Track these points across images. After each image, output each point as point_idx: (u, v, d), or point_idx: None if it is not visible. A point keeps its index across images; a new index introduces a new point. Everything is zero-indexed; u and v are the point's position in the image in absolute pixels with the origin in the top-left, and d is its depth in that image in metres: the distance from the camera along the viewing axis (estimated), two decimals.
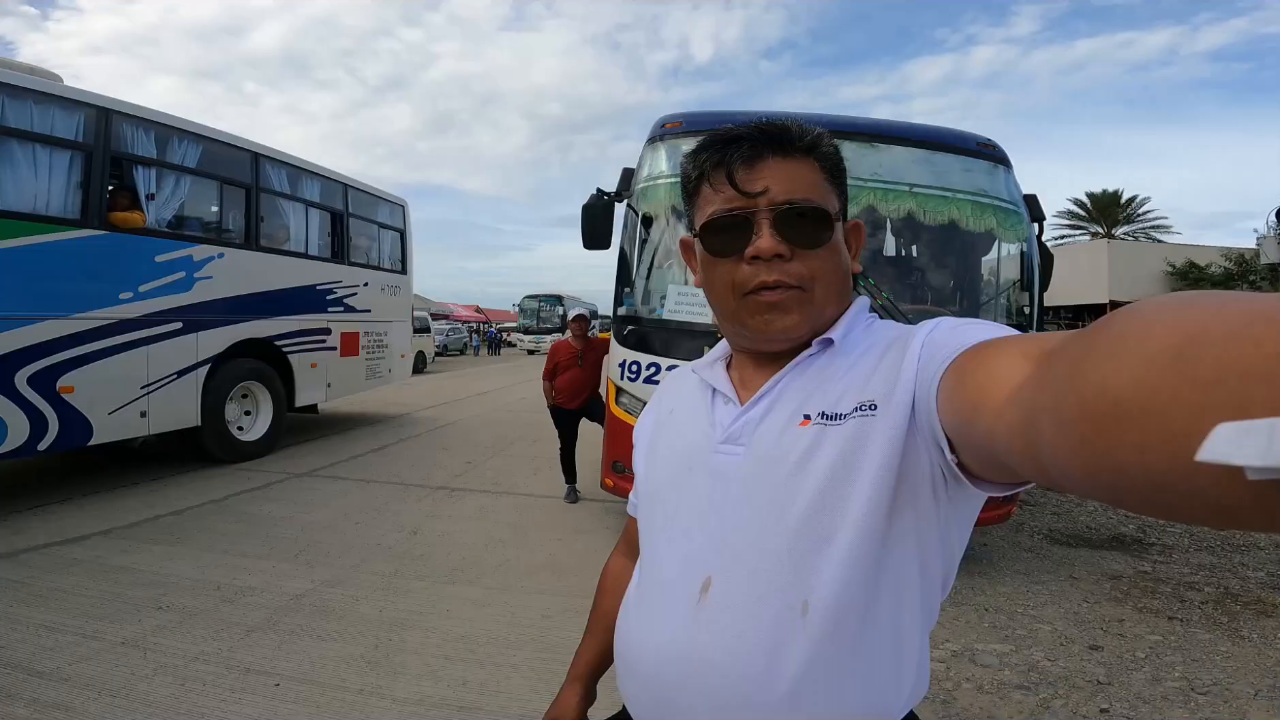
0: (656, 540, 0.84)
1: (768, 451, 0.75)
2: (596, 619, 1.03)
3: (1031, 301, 4.22)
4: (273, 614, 3.25)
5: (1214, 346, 0.26)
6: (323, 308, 8.01)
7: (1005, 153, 4.22)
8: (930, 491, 0.68)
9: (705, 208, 0.78)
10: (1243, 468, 0.24)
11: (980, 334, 0.60)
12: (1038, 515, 5.43)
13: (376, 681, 2.69)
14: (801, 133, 0.77)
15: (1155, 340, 0.29)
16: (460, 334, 31.02)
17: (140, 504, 5.10)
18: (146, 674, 2.68)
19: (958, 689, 2.76)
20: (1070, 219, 33.84)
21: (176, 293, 5.99)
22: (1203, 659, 3.04)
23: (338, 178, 8.46)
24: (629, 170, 4.58)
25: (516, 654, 2.95)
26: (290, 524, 4.70)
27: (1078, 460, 0.32)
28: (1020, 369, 0.45)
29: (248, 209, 6.90)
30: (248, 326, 6.82)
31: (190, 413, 6.20)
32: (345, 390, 8.66)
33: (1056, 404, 0.34)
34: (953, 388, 0.57)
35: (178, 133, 6.11)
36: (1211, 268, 24.23)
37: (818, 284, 0.76)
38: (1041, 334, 0.50)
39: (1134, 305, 0.33)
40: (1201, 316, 0.28)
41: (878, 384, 0.70)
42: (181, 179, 6.17)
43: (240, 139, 6.92)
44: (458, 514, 5.11)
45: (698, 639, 0.73)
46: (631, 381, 4.15)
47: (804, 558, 0.70)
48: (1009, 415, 0.43)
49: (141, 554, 4.02)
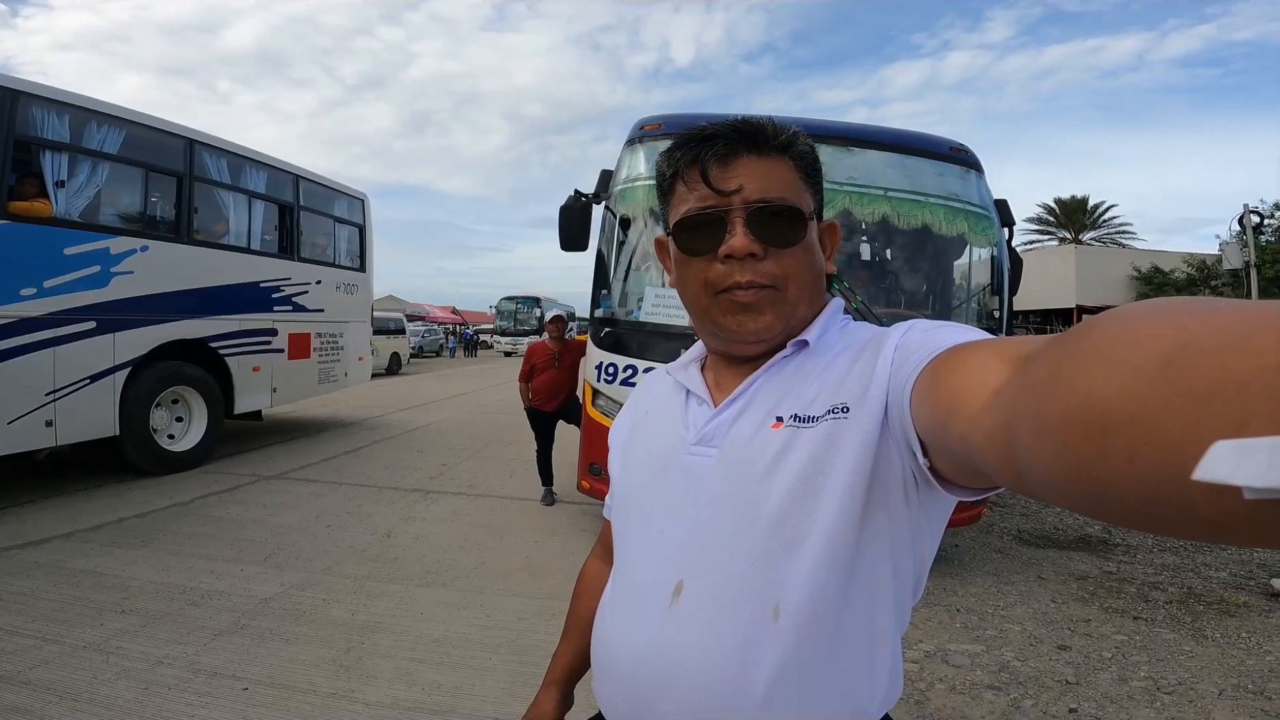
0: (630, 542, 0.84)
1: (740, 453, 0.74)
2: (573, 622, 1.03)
3: (1001, 305, 4.29)
4: (240, 618, 3.19)
5: (1207, 356, 0.25)
6: (268, 307, 7.48)
7: (977, 158, 4.29)
8: (902, 494, 0.68)
9: (679, 206, 0.78)
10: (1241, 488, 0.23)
11: (955, 337, 0.60)
12: (1007, 517, 5.51)
13: (348, 685, 2.65)
14: (776, 131, 0.77)
15: (1143, 348, 0.28)
16: (436, 335, 30.77)
17: (104, 507, 4.98)
18: (108, 678, 2.62)
19: (931, 689, 2.79)
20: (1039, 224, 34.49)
21: (89, 289, 5.44)
22: (1167, 658, 3.11)
23: (288, 168, 7.95)
24: (607, 172, 4.58)
25: (491, 657, 2.93)
26: (259, 527, 4.62)
27: (1059, 470, 0.31)
28: (998, 373, 0.45)
29: (179, 199, 6.38)
30: (177, 327, 6.29)
31: (107, 421, 5.63)
32: (294, 395, 8.19)
33: (1037, 411, 0.33)
34: (927, 391, 0.56)
35: (97, 116, 5.60)
36: (1175, 273, 24.83)
37: (791, 284, 0.75)
38: (1018, 338, 0.50)
39: (1118, 310, 0.32)
40: (1190, 324, 0.27)
41: (851, 386, 0.70)
42: (99, 165, 5.65)
43: (173, 124, 6.40)
44: (432, 516, 5.05)
45: (671, 641, 0.73)
46: (608, 384, 4.14)
47: (775, 560, 0.69)
48: (986, 421, 0.42)
49: (104, 557, 3.92)
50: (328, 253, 8.76)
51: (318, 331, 8.34)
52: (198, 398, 6.62)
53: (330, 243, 8.85)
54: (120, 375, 5.74)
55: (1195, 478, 0.24)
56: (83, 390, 5.41)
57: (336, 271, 8.83)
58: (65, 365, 5.26)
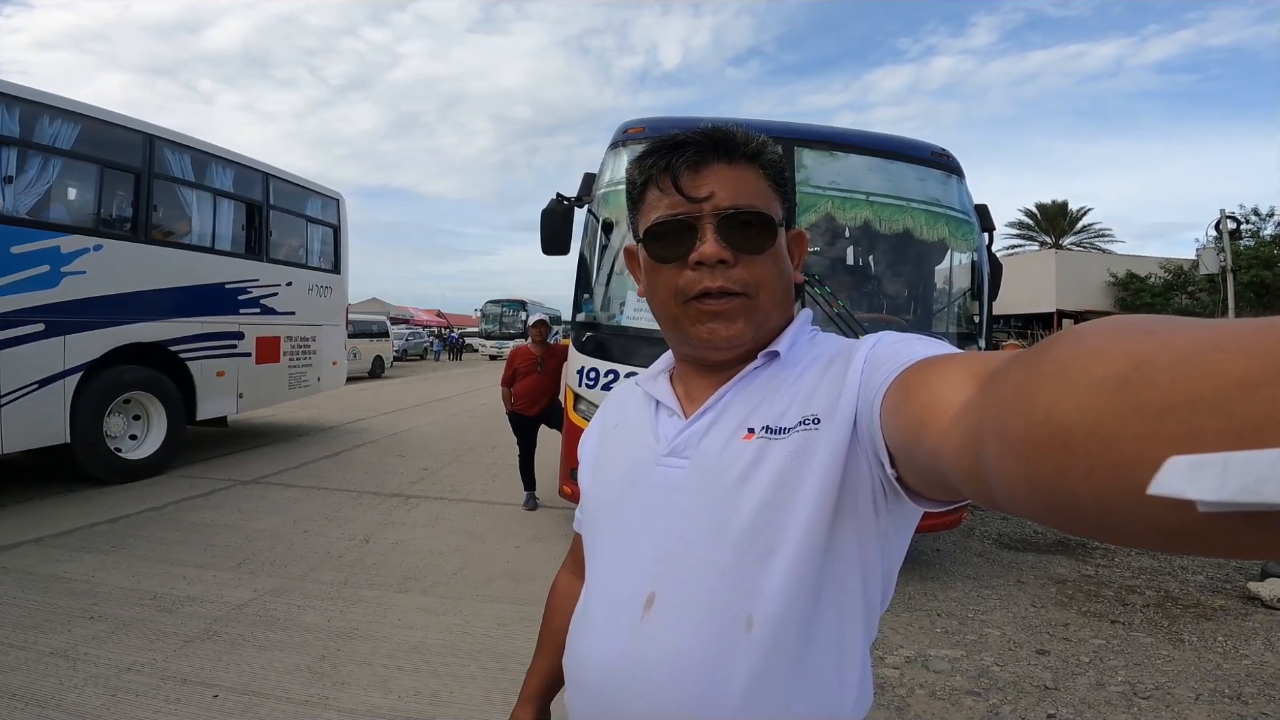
0: (601, 555, 0.83)
1: (711, 464, 0.74)
2: (547, 637, 1.02)
3: (981, 310, 4.32)
4: (212, 624, 3.13)
5: (1162, 374, 0.26)
6: (233, 309, 7.19)
7: (958, 162, 4.32)
8: (871, 504, 0.68)
9: (649, 214, 0.78)
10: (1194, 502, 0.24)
11: (923, 350, 0.60)
12: (987, 520, 5.54)
13: (322, 692, 2.61)
14: (746, 139, 0.77)
15: (1101, 365, 0.29)
16: (420, 338, 30.59)
17: (75, 511, 4.89)
18: (76, 684, 2.58)
19: (911, 695, 2.79)
20: (1020, 229, 34.89)
21: (38, 289, 5.17)
22: (1144, 663, 3.13)
23: (257, 165, 7.67)
24: (590, 175, 4.56)
25: (470, 664, 2.89)
26: (234, 532, 4.55)
27: (1023, 484, 0.32)
28: (965, 389, 0.46)
29: (137, 196, 6.10)
30: (133, 329, 6.00)
31: (56, 428, 5.36)
32: (262, 401, 7.91)
33: (1002, 427, 0.34)
34: (897, 403, 0.56)
35: (49, 110, 5.35)
36: (1151, 278, 25.19)
37: (762, 291, 0.75)
38: (986, 353, 0.50)
39: (1080, 328, 0.33)
40: (1149, 342, 0.28)
41: (821, 398, 0.70)
42: (51, 161, 5.39)
43: (132, 119, 6.11)
44: (412, 521, 5.00)
45: (642, 654, 0.72)
46: (590, 388, 4.12)
47: (747, 572, 0.69)
48: (954, 436, 0.43)
49: (74, 563, 3.85)
50: (299, 254, 8.50)
51: (288, 335, 8.07)
52: (156, 403, 6.37)
53: (303, 243, 8.58)
54: (71, 380, 5.48)
55: (1150, 492, 0.25)
56: (30, 395, 5.16)
57: (309, 273, 8.57)
58: (11, 369, 5.02)
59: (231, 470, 6.49)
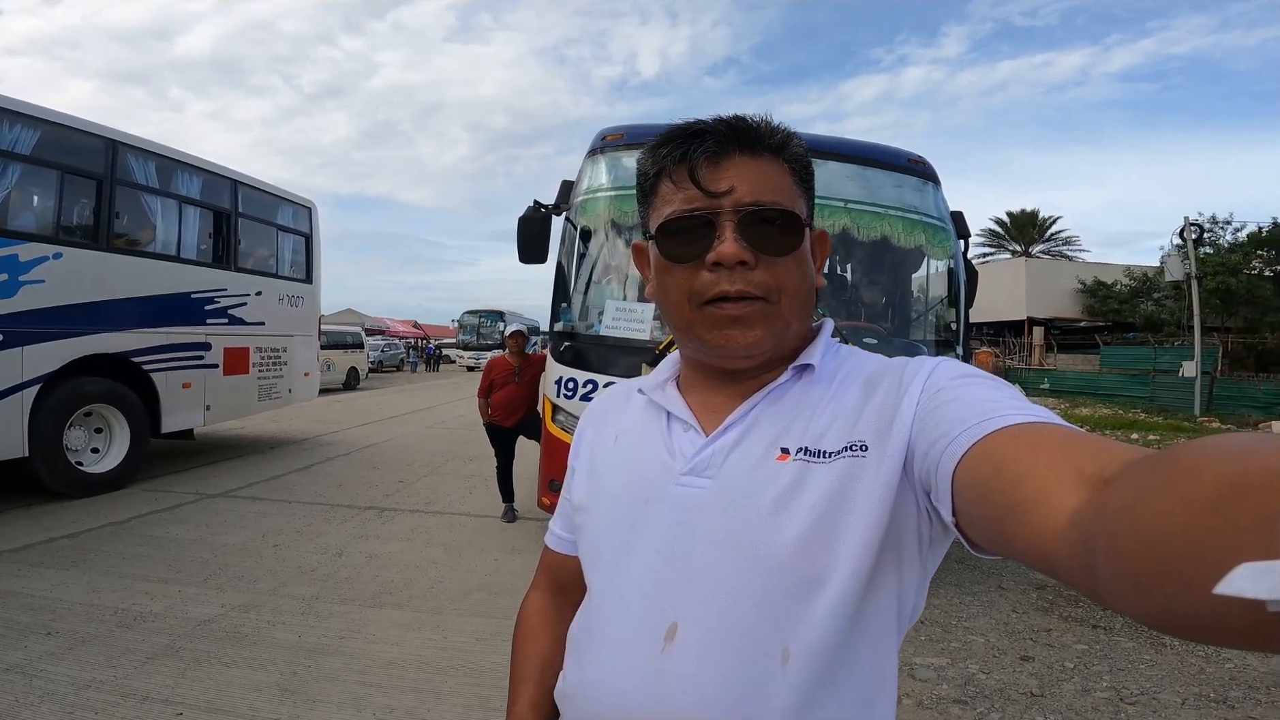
0: (609, 578, 0.75)
1: (739, 486, 0.68)
2: (533, 665, 0.90)
3: (959, 317, 4.33)
4: (176, 640, 3.02)
5: (1252, 492, 0.28)
6: (200, 319, 6.99)
7: (934, 169, 4.34)
8: (915, 538, 0.64)
9: (663, 208, 0.71)
10: (1264, 601, 0.27)
11: (996, 396, 0.57)
12: None
13: (292, 710, 2.51)
14: (771, 130, 0.71)
15: (1200, 485, 0.31)
16: (397, 350, 30.26)
17: (34, 526, 4.71)
18: (31, 701, 2.48)
19: (899, 705, 2.75)
20: (991, 238, 35.43)
21: None
22: (1128, 667, 3.12)
23: (225, 173, 7.48)
24: (568, 183, 4.50)
25: (446, 680, 2.80)
26: (200, 546, 4.41)
27: (1131, 593, 0.34)
28: (1075, 493, 0.44)
29: (99, 204, 5.91)
30: (94, 340, 5.81)
31: (14, 441, 5.15)
32: (230, 413, 7.71)
33: (1113, 540, 0.36)
34: (986, 477, 0.51)
35: (7, 114, 5.16)
36: (1117, 286, 25.73)
37: (784, 296, 0.69)
38: (1086, 441, 0.47)
39: (1189, 445, 0.35)
40: (1245, 461, 0.30)
41: (868, 422, 0.65)
42: (8, 167, 5.22)
43: (94, 124, 5.94)
44: (387, 534, 4.89)
45: (667, 687, 0.65)
46: (568, 399, 4.05)
47: (784, 602, 0.64)
48: (1068, 542, 0.42)
49: (32, 578, 3.70)
50: (270, 263, 8.28)
51: (257, 346, 7.86)
52: (119, 416, 6.16)
53: (273, 252, 8.39)
54: (29, 392, 5.27)
55: (1216, 592, 0.28)
56: None
57: (279, 283, 8.36)
58: None
59: (198, 484, 6.31)
